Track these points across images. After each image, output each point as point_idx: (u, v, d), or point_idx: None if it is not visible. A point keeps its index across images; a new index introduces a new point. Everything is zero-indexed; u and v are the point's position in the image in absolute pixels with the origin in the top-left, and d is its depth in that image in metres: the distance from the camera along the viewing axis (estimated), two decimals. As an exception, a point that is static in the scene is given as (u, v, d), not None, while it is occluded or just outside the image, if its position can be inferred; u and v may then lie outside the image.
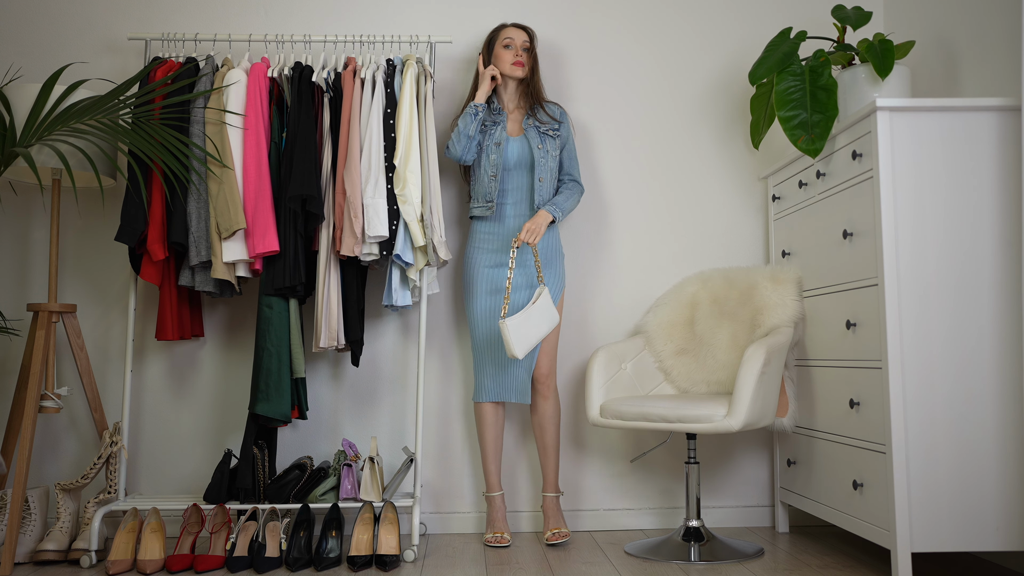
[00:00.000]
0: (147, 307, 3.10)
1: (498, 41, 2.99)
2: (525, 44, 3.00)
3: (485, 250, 2.95)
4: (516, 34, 2.99)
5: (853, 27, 2.69)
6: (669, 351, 3.01)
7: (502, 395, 2.90)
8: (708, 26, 3.31)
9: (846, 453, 2.52)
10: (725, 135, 3.29)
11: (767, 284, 2.82)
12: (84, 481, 2.74)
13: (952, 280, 2.30)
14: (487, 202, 2.93)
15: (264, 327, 2.75)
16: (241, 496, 2.74)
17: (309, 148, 2.76)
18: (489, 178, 2.93)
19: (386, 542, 2.63)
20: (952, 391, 2.28)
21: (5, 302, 3.09)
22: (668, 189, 3.26)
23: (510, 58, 2.97)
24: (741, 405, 2.56)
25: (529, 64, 3.00)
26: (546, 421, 2.93)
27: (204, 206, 2.76)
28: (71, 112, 2.67)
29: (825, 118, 2.56)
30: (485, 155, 2.94)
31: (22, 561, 2.67)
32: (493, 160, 2.93)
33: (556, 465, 2.95)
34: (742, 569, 2.54)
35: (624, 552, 2.77)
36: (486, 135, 2.94)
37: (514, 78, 2.99)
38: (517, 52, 2.97)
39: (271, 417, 2.73)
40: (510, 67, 2.96)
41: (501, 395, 2.90)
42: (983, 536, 2.25)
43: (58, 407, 2.77)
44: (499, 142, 2.93)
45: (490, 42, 3.01)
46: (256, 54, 3.16)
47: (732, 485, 3.17)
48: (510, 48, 2.97)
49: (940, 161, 2.33)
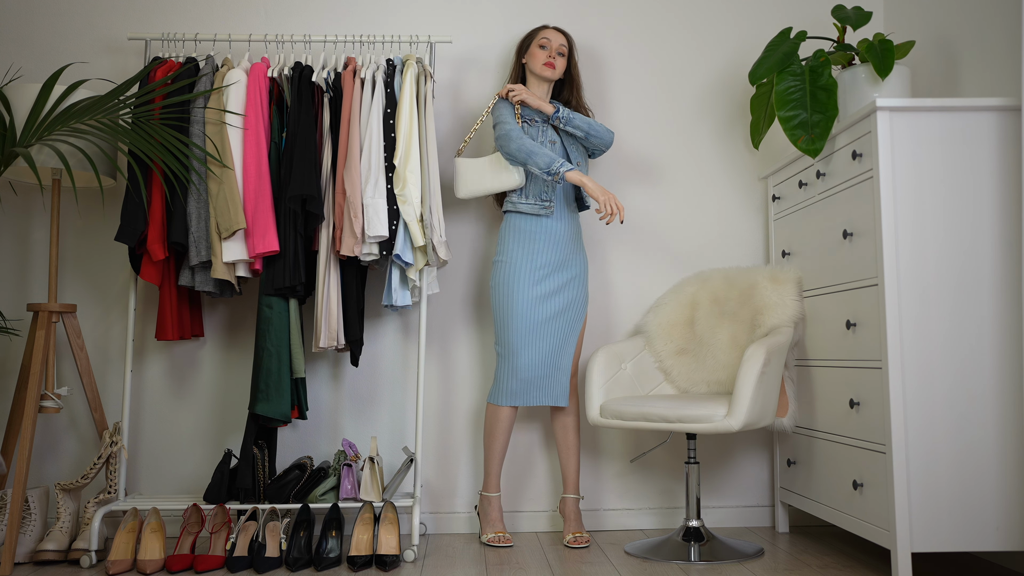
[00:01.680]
0: (147, 307, 3.10)
1: (535, 40, 2.97)
2: (562, 48, 2.97)
3: (531, 249, 2.87)
4: (554, 36, 2.97)
5: (853, 27, 2.69)
6: (669, 351, 3.01)
7: (541, 399, 2.83)
8: (708, 26, 3.31)
9: (846, 453, 2.52)
10: (725, 135, 3.29)
11: (767, 284, 2.82)
12: (84, 481, 2.74)
13: (952, 280, 2.30)
14: (543, 201, 2.89)
15: (264, 327, 2.75)
16: (241, 496, 2.74)
17: (309, 148, 2.76)
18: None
19: (386, 542, 2.63)
20: (952, 391, 2.28)
21: (5, 302, 3.09)
22: (668, 189, 3.26)
23: (542, 58, 2.94)
24: (741, 405, 2.56)
25: (561, 68, 2.98)
26: (572, 421, 2.92)
27: (204, 206, 2.76)
28: (71, 112, 2.67)
29: (825, 118, 2.56)
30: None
31: (22, 561, 2.67)
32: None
33: (579, 466, 2.94)
34: (742, 569, 2.54)
35: (624, 552, 2.77)
36: (538, 131, 2.91)
37: (543, 79, 2.98)
38: (551, 53, 2.95)
39: (271, 417, 2.73)
40: (540, 67, 2.94)
41: (539, 399, 2.82)
42: (983, 536, 2.25)
43: (58, 407, 2.77)
44: (554, 140, 2.92)
45: (527, 39, 3.00)
46: (256, 54, 3.16)
47: (732, 485, 3.17)
48: (545, 48, 2.95)
49: (940, 161, 2.33)
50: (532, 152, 2.79)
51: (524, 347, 2.82)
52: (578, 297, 2.92)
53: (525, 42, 3.01)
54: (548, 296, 2.86)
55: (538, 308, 2.84)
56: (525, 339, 2.82)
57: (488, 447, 2.91)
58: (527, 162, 2.80)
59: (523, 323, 2.82)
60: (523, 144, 2.80)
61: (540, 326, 2.83)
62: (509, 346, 2.83)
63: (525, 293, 2.84)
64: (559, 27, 3.06)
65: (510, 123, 2.86)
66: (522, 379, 2.82)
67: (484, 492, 2.92)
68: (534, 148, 2.79)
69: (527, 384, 2.82)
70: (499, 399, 2.85)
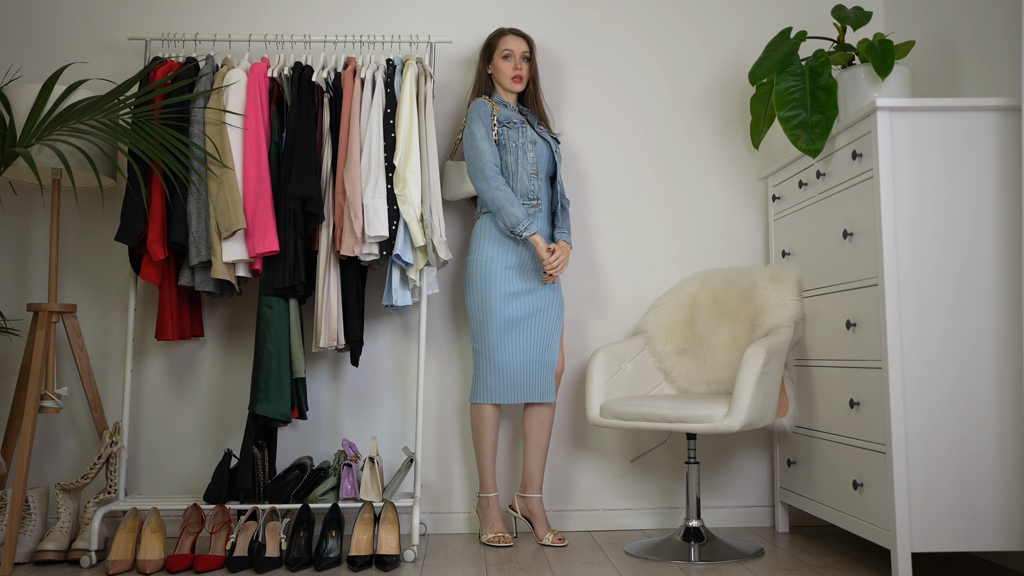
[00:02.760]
0: (147, 307, 3.10)
1: (497, 51, 2.96)
2: (525, 54, 2.97)
3: (505, 249, 2.87)
4: (515, 44, 2.96)
5: (853, 27, 2.69)
6: (669, 351, 3.01)
7: (528, 395, 2.83)
8: (708, 26, 3.31)
9: (846, 453, 2.52)
10: (725, 135, 3.29)
11: (767, 284, 2.82)
12: (84, 481, 2.74)
13: (952, 280, 2.30)
14: (530, 200, 2.89)
15: (264, 327, 2.75)
16: (241, 496, 2.74)
17: (309, 148, 2.76)
18: (530, 176, 2.90)
19: (386, 542, 2.63)
20: (952, 391, 2.28)
21: (5, 302, 3.09)
22: (668, 189, 3.26)
23: (509, 71, 2.94)
24: (741, 405, 2.56)
25: (527, 75, 2.98)
26: (547, 420, 2.92)
27: (204, 206, 2.76)
28: (71, 112, 2.67)
29: (825, 118, 2.56)
30: (521, 153, 2.89)
31: (22, 561, 2.67)
32: (532, 158, 2.90)
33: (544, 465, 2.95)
34: (742, 569, 2.54)
35: (624, 552, 2.77)
36: (517, 133, 2.90)
37: (513, 92, 2.99)
38: (516, 65, 2.95)
39: (271, 417, 2.73)
40: (509, 82, 2.95)
41: (525, 395, 2.83)
42: (983, 536, 2.25)
43: (58, 407, 2.77)
44: (534, 140, 2.92)
45: (489, 48, 2.99)
46: (256, 54, 3.16)
47: (732, 485, 3.17)
48: (509, 60, 2.95)
49: (940, 161, 2.33)
50: (501, 208, 2.79)
51: (503, 344, 2.82)
52: (556, 297, 2.93)
53: (487, 52, 3.00)
54: (524, 293, 2.86)
55: (514, 304, 2.84)
56: (503, 336, 2.82)
57: (477, 448, 2.90)
58: (495, 213, 2.81)
59: (499, 319, 2.82)
60: (496, 196, 2.79)
61: (519, 322, 2.84)
62: (487, 343, 2.83)
63: (500, 288, 2.84)
64: (517, 30, 3.02)
65: (485, 152, 2.83)
66: (506, 375, 2.82)
67: (481, 493, 2.92)
68: (504, 204, 2.78)
69: (512, 381, 2.82)
70: (481, 397, 2.85)
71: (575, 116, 3.25)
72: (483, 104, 2.91)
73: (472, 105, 2.93)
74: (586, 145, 3.25)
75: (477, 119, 2.88)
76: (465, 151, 2.89)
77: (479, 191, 2.84)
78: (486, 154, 2.83)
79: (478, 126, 2.87)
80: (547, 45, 3.27)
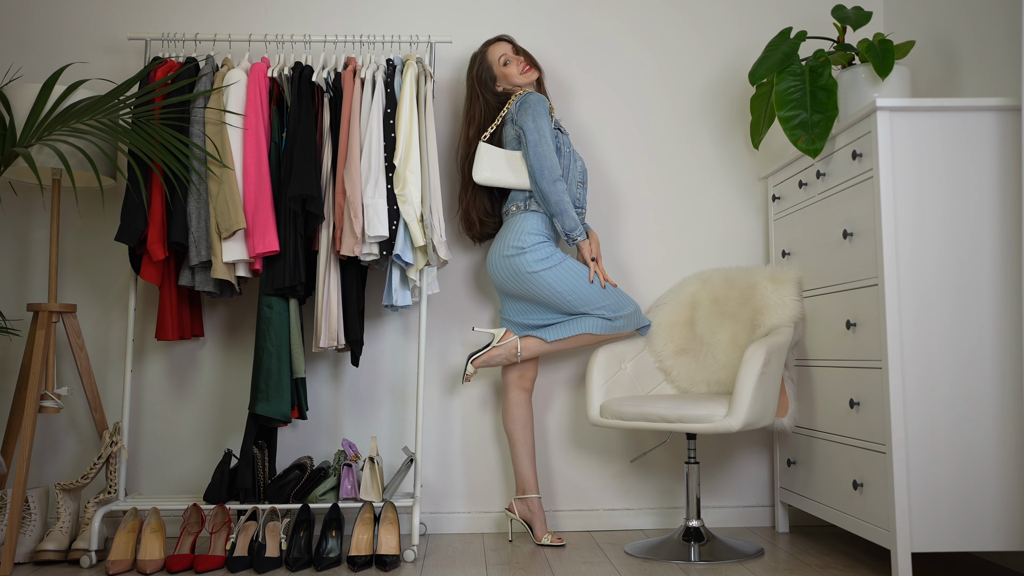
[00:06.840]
0: (147, 307, 3.10)
1: (494, 63, 2.96)
2: (514, 50, 2.98)
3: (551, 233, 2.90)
4: (503, 47, 2.98)
5: (853, 27, 2.69)
6: (669, 351, 3.01)
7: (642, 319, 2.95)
8: (708, 26, 3.31)
9: (846, 453, 2.52)
10: (725, 135, 3.29)
11: (767, 284, 2.82)
12: (84, 481, 2.74)
13: (952, 280, 2.30)
14: (578, 208, 2.94)
15: (264, 327, 2.75)
16: (241, 496, 2.74)
17: (309, 148, 2.76)
18: (578, 184, 2.93)
19: (386, 542, 2.63)
20: (952, 391, 2.28)
21: (5, 302, 3.09)
22: (668, 189, 3.26)
23: (517, 69, 2.95)
24: (741, 405, 2.56)
25: (532, 62, 2.99)
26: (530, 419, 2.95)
27: (204, 206, 2.76)
28: (71, 112, 2.67)
29: (825, 118, 2.56)
30: (571, 160, 2.93)
31: (22, 561, 2.67)
32: (580, 167, 2.96)
33: None
34: (742, 569, 2.54)
35: (624, 552, 2.77)
36: (568, 139, 2.95)
37: (532, 84, 2.99)
38: (516, 60, 2.96)
39: (271, 417, 2.73)
40: (522, 77, 2.95)
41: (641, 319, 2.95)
42: (983, 536, 2.25)
43: (58, 407, 2.77)
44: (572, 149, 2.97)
45: (482, 66, 2.97)
46: (256, 54, 3.16)
47: (732, 485, 3.17)
48: (509, 63, 2.95)
49: (940, 161, 2.33)
50: (565, 212, 2.80)
51: (610, 291, 2.88)
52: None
53: (481, 72, 2.97)
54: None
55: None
56: (593, 282, 2.86)
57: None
58: (554, 213, 2.81)
59: (585, 273, 2.87)
60: (562, 199, 2.79)
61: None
62: (601, 291, 2.86)
63: (568, 256, 2.90)
64: (489, 39, 3.02)
65: (554, 154, 2.82)
66: (628, 299, 2.94)
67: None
68: (568, 208, 2.80)
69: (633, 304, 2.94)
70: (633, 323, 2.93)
71: (575, 116, 3.25)
72: (545, 101, 2.88)
73: (537, 98, 2.86)
74: (586, 145, 3.25)
75: (544, 115, 2.85)
76: (530, 146, 2.82)
77: (545, 191, 2.79)
78: (555, 156, 2.83)
79: (545, 122, 2.84)
80: (546, 46, 3.27)
